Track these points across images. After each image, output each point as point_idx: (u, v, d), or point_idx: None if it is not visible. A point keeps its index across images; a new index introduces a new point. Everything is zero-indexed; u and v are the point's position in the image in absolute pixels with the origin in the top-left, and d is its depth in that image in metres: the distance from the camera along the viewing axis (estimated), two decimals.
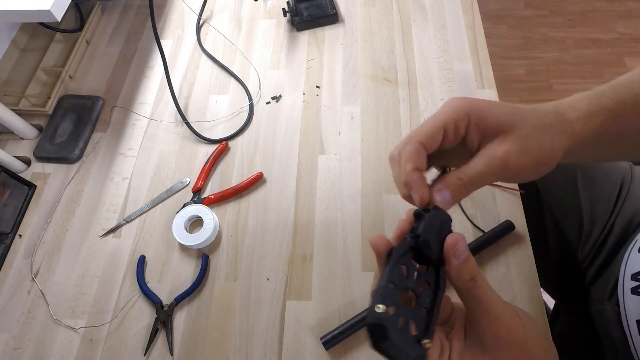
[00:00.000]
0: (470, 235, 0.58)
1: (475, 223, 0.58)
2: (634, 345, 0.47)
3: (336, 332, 0.51)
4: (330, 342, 0.50)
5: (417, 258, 0.31)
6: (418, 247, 0.30)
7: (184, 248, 0.60)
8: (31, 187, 0.66)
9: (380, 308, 0.26)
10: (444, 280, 0.30)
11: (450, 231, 0.31)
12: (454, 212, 0.60)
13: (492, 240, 0.56)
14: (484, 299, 0.29)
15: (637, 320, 0.46)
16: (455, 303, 0.34)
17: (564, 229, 0.66)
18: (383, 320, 0.25)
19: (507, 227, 0.56)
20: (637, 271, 0.48)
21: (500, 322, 0.29)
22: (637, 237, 0.52)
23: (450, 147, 0.33)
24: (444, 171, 0.35)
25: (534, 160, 0.31)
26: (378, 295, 0.27)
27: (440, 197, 0.31)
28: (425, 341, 0.28)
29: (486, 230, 0.57)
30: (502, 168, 0.31)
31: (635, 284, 0.48)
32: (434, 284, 0.30)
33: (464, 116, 0.32)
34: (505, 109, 0.32)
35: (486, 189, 0.61)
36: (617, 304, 0.51)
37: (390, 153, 0.33)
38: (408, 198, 0.32)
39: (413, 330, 0.28)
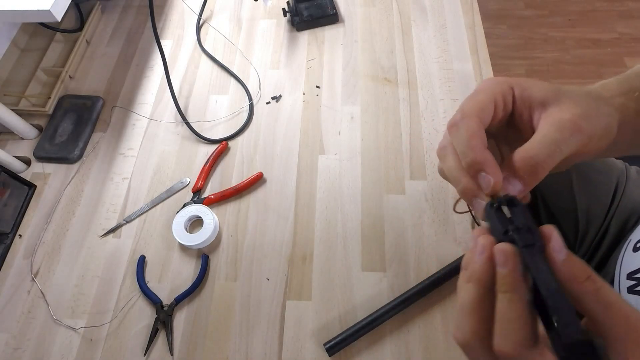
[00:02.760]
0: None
1: (475, 225, 0.58)
2: None
3: (339, 338, 0.51)
4: (333, 348, 0.50)
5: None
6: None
7: (184, 248, 0.60)
8: (31, 187, 0.66)
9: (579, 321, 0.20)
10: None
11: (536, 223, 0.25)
12: (465, 214, 0.60)
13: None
14: (609, 302, 0.22)
15: None
16: None
17: (560, 229, 0.66)
18: (592, 336, 0.21)
19: None
20: (632, 270, 0.48)
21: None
22: (631, 237, 0.52)
23: (497, 127, 0.30)
24: None
25: (599, 126, 0.28)
26: (568, 310, 0.21)
27: (511, 187, 0.26)
28: None
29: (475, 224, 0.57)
30: (575, 132, 0.26)
31: (631, 283, 0.48)
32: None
33: (509, 89, 0.29)
34: (544, 82, 0.29)
35: None
36: None
37: (440, 144, 0.29)
38: (469, 190, 0.27)
39: None
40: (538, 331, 0.23)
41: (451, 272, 0.54)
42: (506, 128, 0.30)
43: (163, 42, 0.80)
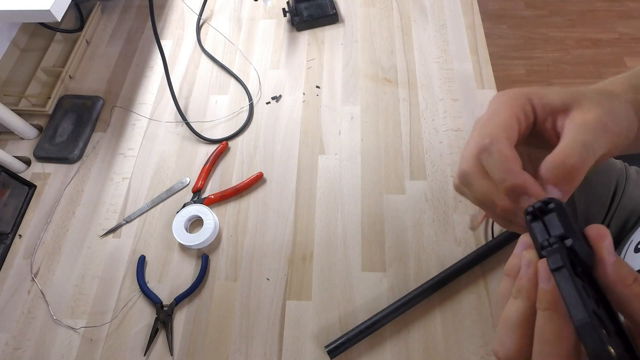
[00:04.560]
0: (473, 242, 0.58)
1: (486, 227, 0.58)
2: None
3: (341, 340, 0.50)
4: (335, 350, 0.50)
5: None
6: (569, 253, 0.23)
7: (184, 248, 0.60)
8: (31, 187, 0.66)
9: (612, 352, 0.19)
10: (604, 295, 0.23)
11: (579, 224, 0.24)
12: (463, 213, 0.60)
13: (499, 247, 0.55)
14: None
15: None
16: None
17: None
18: None
19: (512, 235, 0.56)
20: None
21: None
22: (632, 237, 0.52)
23: (521, 142, 0.29)
24: None
25: (624, 123, 0.28)
26: (597, 336, 0.20)
27: (550, 196, 0.25)
28: None
29: (487, 237, 0.57)
30: (604, 132, 0.26)
31: None
32: (597, 297, 0.22)
33: (526, 100, 0.28)
34: (557, 88, 0.29)
35: None
36: None
37: (463, 169, 0.28)
38: (508, 212, 0.26)
39: None
40: (580, 350, 0.22)
41: (452, 274, 0.54)
42: (529, 137, 0.30)
43: (163, 42, 0.80)
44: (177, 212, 0.61)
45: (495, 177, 0.26)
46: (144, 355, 0.53)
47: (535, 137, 0.29)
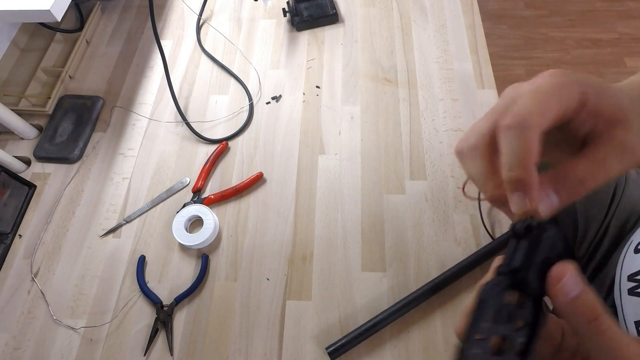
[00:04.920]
0: (473, 242, 0.58)
1: (475, 225, 0.58)
2: None
3: (341, 342, 0.50)
4: (336, 352, 0.50)
5: (515, 285, 0.24)
6: (514, 282, 0.23)
7: (184, 248, 0.60)
8: (31, 187, 0.66)
9: None
10: (545, 316, 0.24)
11: (561, 256, 0.24)
12: (463, 213, 0.60)
13: (500, 249, 0.55)
14: (612, 347, 0.21)
15: (635, 322, 0.46)
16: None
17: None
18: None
19: None
20: (633, 272, 0.48)
21: None
22: (632, 238, 0.52)
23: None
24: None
25: None
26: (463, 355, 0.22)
27: (544, 206, 0.23)
28: None
29: (487, 239, 0.56)
30: (631, 155, 0.24)
31: (632, 284, 0.48)
32: (530, 321, 0.23)
33: (580, 94, 0.24)
34: (615, 91, 0.25)
35: None
36: (612, 305, 0.51)
37: (472, 143, 0.26)
38: (497, 202, 0.25)
39: None
40: None
41: (451, 276, 0.54)
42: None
43: (163, 42, 0.80)
44: (177, 212, 0.61)
45: (505, 161, 0.24)
46: (144, 355, 0.53)
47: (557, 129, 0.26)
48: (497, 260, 0.26)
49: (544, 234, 0.23)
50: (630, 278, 0.48)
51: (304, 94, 0.73)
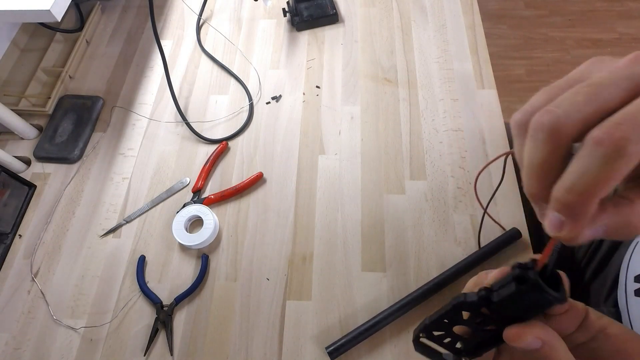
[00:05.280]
0: (473, 242, 0.58)
1: (475, 225, 0.58)
2: None
3: (341, 341, 0.50)
4: (335, 352, 0.50)
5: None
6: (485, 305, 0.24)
7: (184, 248, 0.60)
8: (31, 187, 0.66)
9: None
10: (488, 347, 0.26)
11: (544, 309, 0.23)
12: (463, 213, 0.60)
13: (499, 249, 0.55)
14: None
15: None
16: None
17: None
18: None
19: (513, 235, 0.56)
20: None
21: None
22: (638, 239, 0.52)
23: None
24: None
25: None
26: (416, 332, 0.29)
27: (584, 239, 0.19)
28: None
29: (487, 239, 0.56)
30: None
31: (638, 285, 0.48)
32: (488, 336, 0.26)
33: None
34: None
35: (487, 190, 0.61)
36: (615, 305, 0.51)
37: (549, 120, 0.19)
38: (538, 199, 0.20)
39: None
40: None
41: (451, 276, 0.54)
42: None
43: (163, 42, 0.80)
44: (177, 212, 0.61)
45: (569, 178, 0.18)
46: (144, 355, 0.53)
47: None
48: (485, 277, 0.26)
49: (535, 294, 0.22)
50: (637, 279, 0.48)
51: (304, 94, 0.73)
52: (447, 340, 0.27)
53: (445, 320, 0.26)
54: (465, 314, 0.25)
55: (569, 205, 0.18)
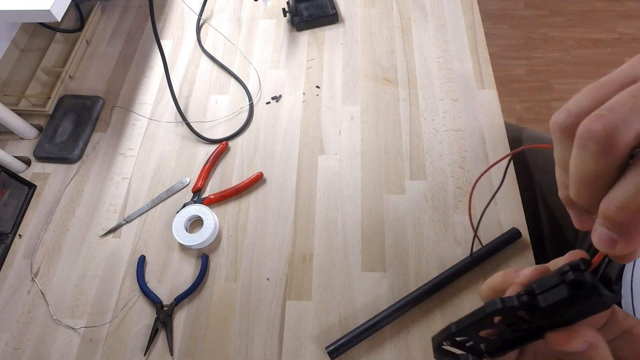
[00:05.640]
0: (482, 239, 0.58)
1: (475, 227, 0.58)
2: None
3: (341, 341, 0.50)
4: (335, 351, 0.50)
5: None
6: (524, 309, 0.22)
7: (184, 248, 0.60)
8: (31, 187, 0.66)
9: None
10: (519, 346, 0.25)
11: (595, 312, 0.21)
12: (463, 213, 0.60)
13: (499, 249, 0.55)
14: None
15: None
16: None
17: (560, 228, 0.66)
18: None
19: (513, 235, 0.56)
20: None
21: None
22: None
23: None
24: None
25: None
26: (436, 341, 0.25)
27: (636, 256, 0.18)
28: None
29: (487, 239, 0.56)
30: None
31: None
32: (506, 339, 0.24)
33: None
34: None
35: (487, 189, 0.61)
36: (617, 304, 0.50)
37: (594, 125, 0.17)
38: (581, 210, 0.20)
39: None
40: None
41: (451, 276, 0.54)
42: None
43: (163, 42, 0.80)
44: (177, 212, 0.61)
45: (622, 193, 0.17)
46: (144, 355, 0.53)
47: None
48: (514, 275, 0.24)
49: (591, 299, 0.20)
50: None
51: (304, 94, 0.73)
52: (470, 343, 0.25)
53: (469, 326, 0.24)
54: (497, 317, 0.23)
55: (622, 224, 0.17)
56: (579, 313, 0.21)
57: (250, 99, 0.73)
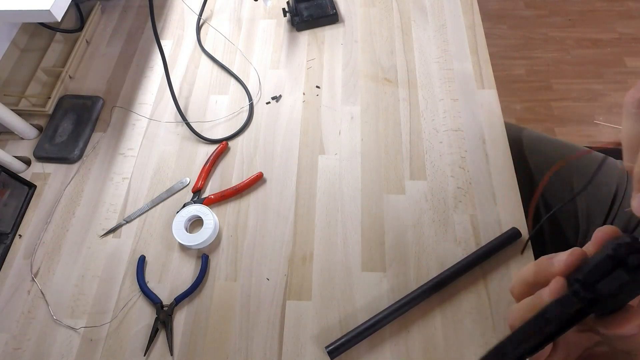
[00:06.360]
0: (473, 242, 0.58)
1: (475, 225, 0.58)
2: None
3: (341, 341, 0.50)
4: (335, 351, 0.50)
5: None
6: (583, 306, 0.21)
7: (184, 248, 0.60)
8: (31, 187, 0.66)
9: None
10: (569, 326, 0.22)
11: None
12: (463, 213, 0.60)
13: (498, 248, 0.55)
14: None
15: None
16: None
17: (560, 230, 0.66)
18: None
19: (513, 235, 0.56)
20: None
21: None
22: None
23: None
24: None
25: None
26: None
27: None
28: None
29: (487, 238, 0.56)
30: None
31: None
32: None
33: None
34: None
35: (487, 189, 0.61)
36: None
37: None
38: None
39: None
40: None
41: (451, 275, 0.54)
42: None
43: (163, 42, 0.80)
44: (177, 212, 0.61)
45: None
46: (144, 355, 0.53)
47: None
48: (548, 263, 0.23)
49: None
50: None
51: (304, 94, 0.73)
52: None
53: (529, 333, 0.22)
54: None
55: None
56: (629, 295, 0.20)
57: (250, 99, 0.73)
